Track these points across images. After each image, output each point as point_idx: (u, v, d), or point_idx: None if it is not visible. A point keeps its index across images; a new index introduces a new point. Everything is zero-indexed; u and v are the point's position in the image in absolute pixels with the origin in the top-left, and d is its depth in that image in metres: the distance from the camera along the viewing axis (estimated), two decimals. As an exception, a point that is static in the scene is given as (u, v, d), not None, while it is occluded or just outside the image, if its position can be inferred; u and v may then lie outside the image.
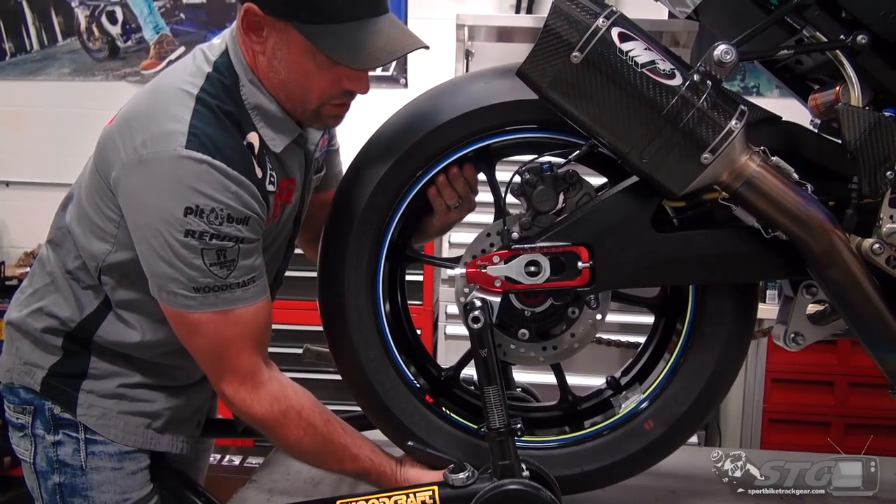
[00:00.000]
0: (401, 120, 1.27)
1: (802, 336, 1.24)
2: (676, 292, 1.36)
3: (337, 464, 1.27)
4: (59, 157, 3.68)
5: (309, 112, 1.20)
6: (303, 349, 1.77)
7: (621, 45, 1.04)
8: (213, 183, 1.08)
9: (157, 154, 1.09)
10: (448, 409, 1.36)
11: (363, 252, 1.25)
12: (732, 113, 1.05)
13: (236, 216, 1.10)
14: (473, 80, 1.26)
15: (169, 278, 1.12)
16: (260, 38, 1.13)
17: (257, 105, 1.17)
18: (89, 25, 3.72)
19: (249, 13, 1.11)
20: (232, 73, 1.17)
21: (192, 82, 1.14)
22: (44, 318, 1.27)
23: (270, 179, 1.18)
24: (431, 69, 3.63)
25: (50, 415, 1.27)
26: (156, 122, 1.10)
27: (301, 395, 1.24)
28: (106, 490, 1.28)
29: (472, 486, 1.18)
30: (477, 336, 1.16)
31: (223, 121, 1.12)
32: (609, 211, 1.17)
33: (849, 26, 1.14)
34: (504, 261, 1.20)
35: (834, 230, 1.08)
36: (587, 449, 1.29)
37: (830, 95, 1.23)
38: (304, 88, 1.16)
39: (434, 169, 1.26)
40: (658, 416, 1.27)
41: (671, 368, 1.28)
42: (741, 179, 1.07)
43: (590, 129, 1.10)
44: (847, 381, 2.87)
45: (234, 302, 1.14)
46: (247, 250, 1.14)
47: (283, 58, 1.14)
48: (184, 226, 1.08)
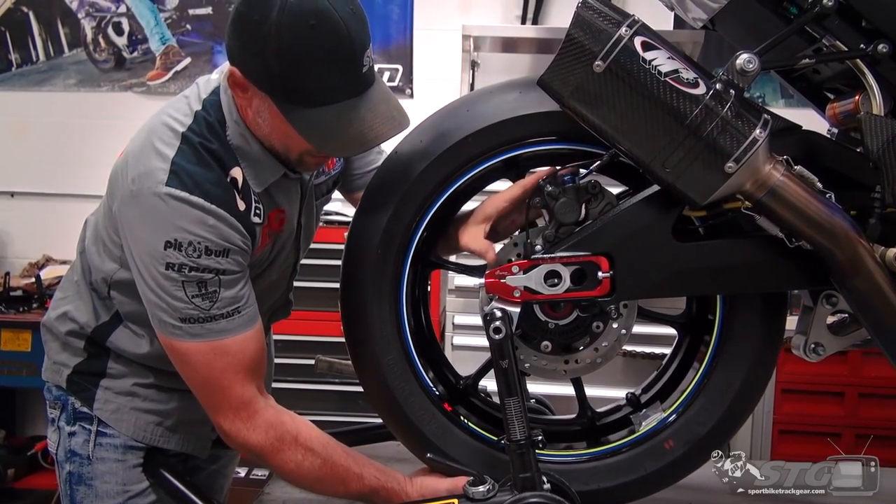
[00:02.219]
0: (435, 124, 1.26)
1: (823, 346, 1.23)
2: (702, 311, 1.35)
3: (342, 486, 1.25)
4: (64, 168, 3.69)
5: (291, 161, 1.25)
6: (315, 360, 1.77)
7: (644, 54, 1.04)
8: (190, 218, 1.13)
9: (142, 190, 1.15)
10: (465, 417, 1.35)
11: (389, 255, 1.24)
12: (756, 122, 1.05)
13: (215, 249, 1.14)
14: (510, 89, 1.25)
15: (158, 307, 1.17)
16: (245, 95, 1.17)
17: (240, 146, 1.22)
18: (95, 37, 3.73)
19: (234, 75, 1.15)
20: (219, 111, 1.22)
21: (180, 121, 1.20)
22: (68, 322, 1.35)
23: (256, 211, 1.22)
24: (437, 80, 3.67)
25: (72, 409, 1.35)
26: (143, 160, 1.17)
27: (298, 421, 1.25)
28: (108, 480, 1.33)
29: (492, 499, 1.17)
30: (497, 347, 1.15)
31: (205, 157, 1.18)
32: (630, 220, 1.16)
33: (869, 35, 1.13)
34: (523, 271, 1.19)
35: (858, 239, 1.08)
36: (606, 465, 1.27)
37: (850, 105, 1.22)
38: (284, 145, 1.22)
39: (465, 176, 1.25)
40: (679, 435, 1.25)
41: (695, 388, 1.27)
42: (765, 189, 1.07)
43: (612, 138, 1.10)
44: (857, 391, 2.86)
45: (221, 333, 1.17)
46: (228, 281, 1.17)
47: (265, 118, 1.18)
48: (164, 259, 1.13)
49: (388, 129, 1.15)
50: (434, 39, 3.60)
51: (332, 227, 2.99)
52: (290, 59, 1.07)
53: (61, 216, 3.55)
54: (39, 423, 3.55)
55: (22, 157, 3.73)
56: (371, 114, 1.14)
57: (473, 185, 1.31)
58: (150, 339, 1.30)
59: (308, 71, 1.08)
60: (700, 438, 1.25)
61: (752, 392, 1.26)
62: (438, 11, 3.60)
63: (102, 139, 3.58)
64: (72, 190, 3.59)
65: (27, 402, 3.58)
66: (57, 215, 3.60)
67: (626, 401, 1.43)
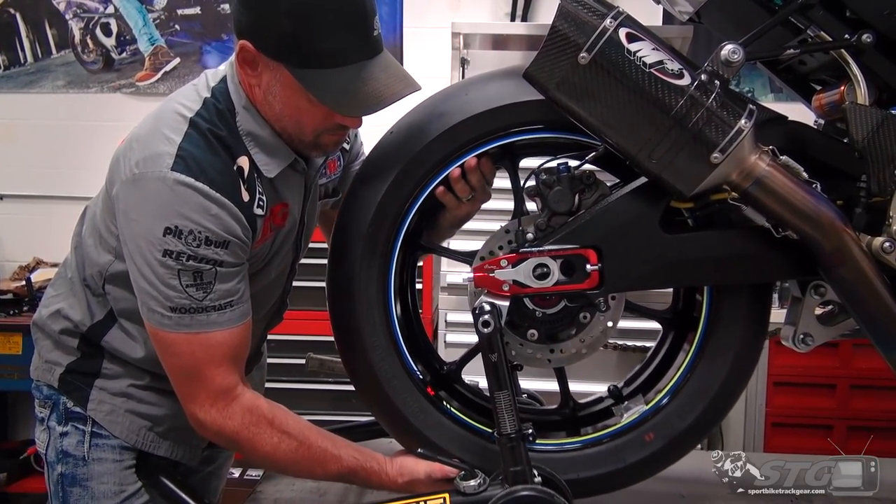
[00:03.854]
0: (433, 105, 1.26)
1: (812, 337, 1.24)
2: (688, 306, 1.35)
3: (320, 467, 1.24)
4: (53, 170, 3.66)
5: (306, 143, 1.23)
6: (306, 358, 1.76)
7: (629, 46, 1.04)
8: (193, 205, 1.11)
9: (146, 174, 1.12)
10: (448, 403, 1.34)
11: (379, 236, 1.24)
12: (741, 112, 1.05)
13: (215, 239, 1.12)
14: (512, 74, 1.24)
15: (148, 295, 1.15)
16: (255, 72, 1.16)
17: (250, 132, 1.20)
18: (84, 38, 3.71)
19: (244, 49, 1.14)
20: (227, 99, 1.20)
21: (189, 107, 1.18)
22: (61, 320, 1.32)
23: (259, 203, 1.20)
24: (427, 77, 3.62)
25: (64, 408, 1.32)
26: (150, 144, 1.14)
27: (273, 406, 1.23)
28: (105, 481, 1.31)
29: (483, 492, 1.16)
30: (487, 341, 1.15)
31: (213, 144, 1.15)
32: (617, 213, 1.16)
33: (853, 26, 1.14)
34: (512, 264, 1.19)
35: (845, 229, 1.08)
36: (585, 455, 1.28)
37: (835, 95, 1.23)
38: (297, 123, 1.19)
39: (461, 159, 1.24)
40: (659, 429, 1.26)
41: (677, 382, 1.27)
42: (751, 179, 1.07)
43: (598, 130, 1.10)
44: (849, 383, 2.87)
45: (209, 325, 1.16)
46: (225, 274, 1.15)
47: (277, 93, 1.16)
48: (162, 245, 1.11)
49: (403, 86, 1.15)
50: (423, 37, 3.59)
51: (324, 226, 2.99)
52: (303, 16, 1.07)
53: (51, 219, 3.53)
54: (31, 427, 3.51)
55: (11, 160, 3.70)
56: (385, 73, 1.13)
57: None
58: (144, 341, 1.27)
59: (320, 29, 1.08)
60: (680, 433, 1.25)
61: (733, 389, 1.26)
62: (428, 9, 3.59)
63: (92, 141, 3.57)
64: (61, 192, 3.56)
65: (18, 406, 3.56)
66: (47, 218, 3.58)
67: (607, 393, 1.43)
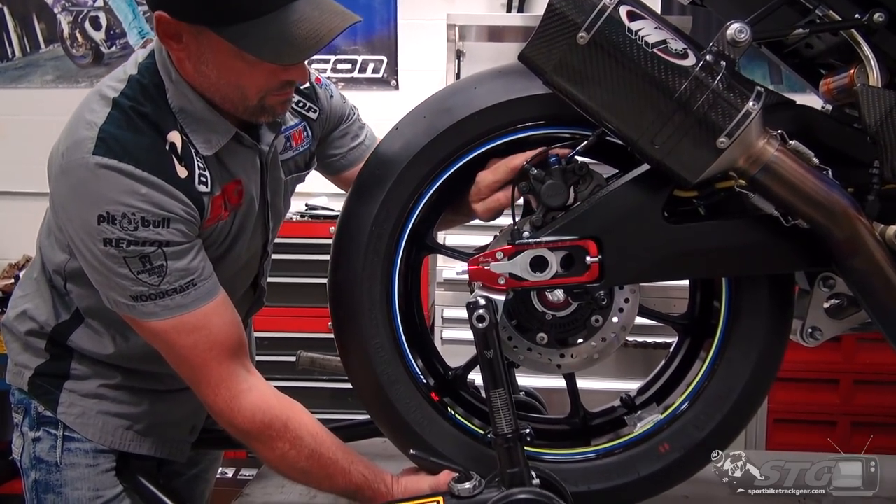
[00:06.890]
0: (440, 101, 1.21)
1: (820, 331, 1.19)
2: (705, 312, 1.30)
3: (327, 480, 1.20)
4: (43, 167, 3.56)
5: (252, 108, 1.15)
6: (297, 355, 1.72)
7: (630, 24, 0.99)
8: (121, 187, 1.05)
9: (71, 163, 1.07)
10: (453, 409, 1.29)
11: (384, 232, 1.19)
12: (749, 94, 0.99)
13: (152, 219, 1.06)
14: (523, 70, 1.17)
15: (106, 286, 1.11)
16: (180, 44, 1.08)
17: (182, 107, 1.14)
18: (72, 31, 3.65)
19: (162, 22, 1.06)
20: (155, 73, 1.14)
21: (114, 87, 1.12)
22: (27, 320, 1.29)
23: (201, 179, 1.13)
24: (422, 71, 3.60)
25: (35, 413, 1.29)
26: (73, 131, 1.09)
27: (286, 405, 1.18)
28: (80, 487, 1.27)
29: (479, 496, 1.11)
30: (481, 336, 1.10)
31: (135, 122, 1.09)
32: (618, 202, 1.11)
33: (864, 5, 1.09)
34: (508, 257, 1.14)
35: (858, 217, 1.03)
36: (597, 467, 1.23)
37: (845, 79, 1.17)
38: (238, 88, 1.12)
39: (467, 156, 1.19)
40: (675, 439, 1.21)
41: (695, 388, 1.22)
42: (759, 165, 1.02)
43: (598, 115, 1.04)
44: (852, 378, 2.84)
45: (177, 309, 1.10)
46: (174, 253, 1.09)
47: (210, 61, 1.09)
48: (100, 234, 1.05)
49: (340, 20, 1.05)
50: (418, 30, 3.55)
51: (317, 221, 2.92)
52: None
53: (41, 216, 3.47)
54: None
55: (0, 156, 3.65)
56: (317, 11, 1.04)
57: (474, 169, 1.24)
58: (112, 337, 1.23)
59: None
60: (697, 443, 1.20)
61: (753, 398, 1.21)
62: (422, 1, 3.55)
63: (81, 136, 3.53)
64: (50, 189, 3.52)
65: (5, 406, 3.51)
66: (37, 215, 3.43)
67: (620, 402, 1.38)
